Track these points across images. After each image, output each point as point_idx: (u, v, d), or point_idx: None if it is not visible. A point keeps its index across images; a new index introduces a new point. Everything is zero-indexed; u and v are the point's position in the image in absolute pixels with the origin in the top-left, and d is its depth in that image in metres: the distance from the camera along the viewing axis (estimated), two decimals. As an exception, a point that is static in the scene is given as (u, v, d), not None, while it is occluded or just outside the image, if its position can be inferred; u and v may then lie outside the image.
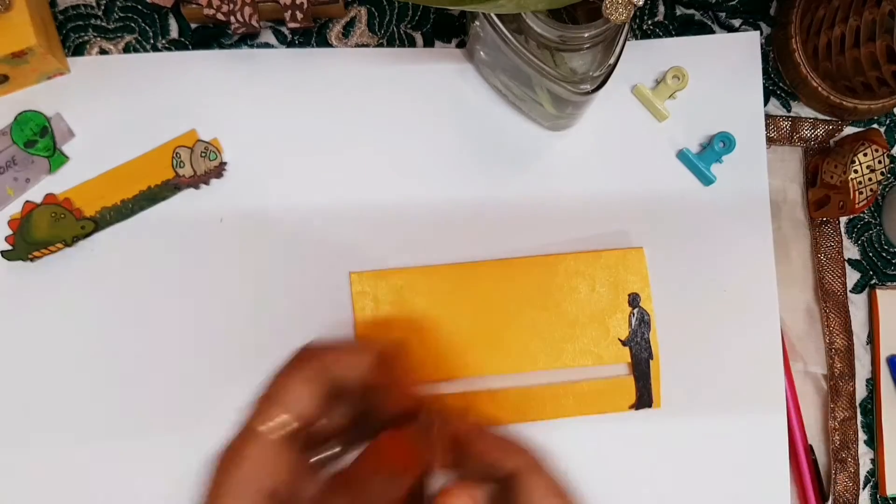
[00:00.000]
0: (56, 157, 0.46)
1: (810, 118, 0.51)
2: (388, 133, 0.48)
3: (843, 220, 0.51)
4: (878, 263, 0.52)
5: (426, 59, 0.49)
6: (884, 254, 0.52)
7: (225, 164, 0.47)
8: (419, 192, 0.48)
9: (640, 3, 0.36)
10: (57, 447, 0.46)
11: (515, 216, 0.49)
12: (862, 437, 0.51)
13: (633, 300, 0.49)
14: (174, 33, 0.48)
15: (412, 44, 0.49)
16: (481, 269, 0.48)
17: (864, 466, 0.51)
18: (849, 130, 0.51)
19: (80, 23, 0.47)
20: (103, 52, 0.48)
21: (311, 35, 0.49)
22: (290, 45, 0.48)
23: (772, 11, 0.51)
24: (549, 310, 0.48)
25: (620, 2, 0.36)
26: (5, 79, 0.45)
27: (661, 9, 0.50)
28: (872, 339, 0.51)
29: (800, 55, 0.49)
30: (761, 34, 0.51)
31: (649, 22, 0.50)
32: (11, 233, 0.46)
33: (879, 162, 0.48)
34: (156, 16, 0.48)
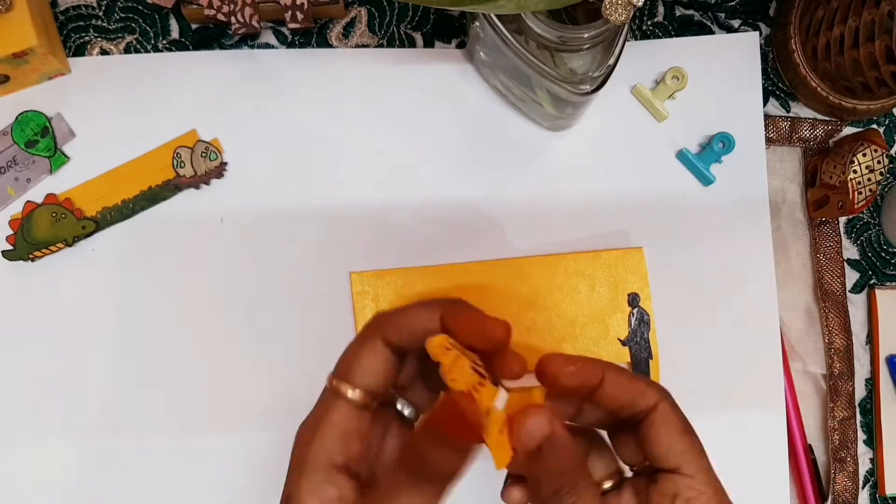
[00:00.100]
0: (57, 158, 0.46)
1: (809, 118, 0.51)
2: (387, 133, 0.49)
3: (843, 220, 0.52)
4: (878, 263, 0.52)
5: (426, 59, 0.49)
6: (883, 254, 0.52)
7: (225, 164, 0.47)
8: (419, 192, 0.49)
9: (640, 4, 0.36)
10: (57, 447, 0.46)
11: (515, 216, 0.49)
12: (861, 436, 0.51)
13: (633, 300, 0.49)
14: (175, 34, 0.48)
15: (412, 44, 0.49)
16: (481, 269, 0.48)
17: (864, 466, 0.51)
18: (848, 131, 0.51)
19: (81, 23, 0.47)
20: (104, 52, 0.48)
21: (312, 35, 0.49)
22: (290, 45, 0.49)
23: (771, 12, 0.51)
24: (548, 310, 0.48)
25: (620, 2, 0.36)
26: (6, 79, 0.45)
27: (661, 9, 0.50)
28: (871, 339, 0.52)
29: (799, 56, 0.49)
30: (760, 35, 0.51)
31: (649, 22, 0.50)
32: (12, 233, 0.46)
33: (878, 162, 0.48)
34: (156, 16, 0.48)
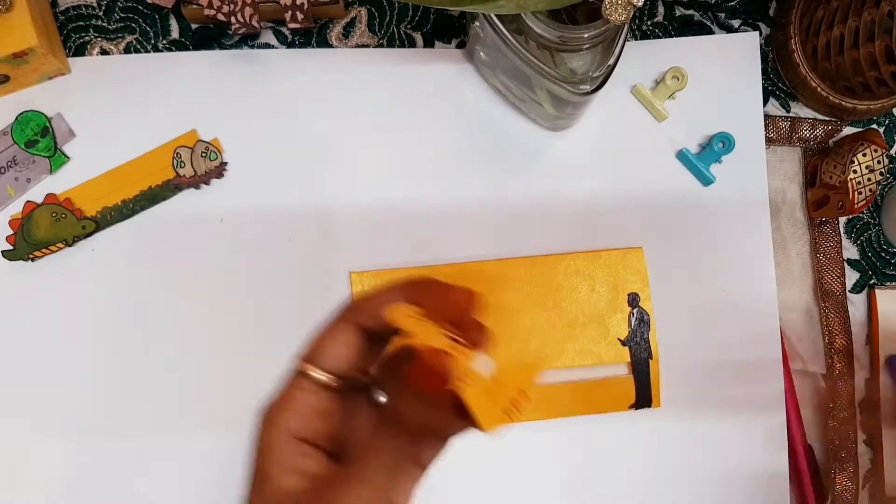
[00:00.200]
0: (57, 157, 0.46)
1: (809, 118, 0.51)
2: (387, 133, 0.49)
3: (843, 220, 0.51)
4: (878, 263, 0.52)
5: (426, 59, 0.49)
6: (883, 254, 0.52)
7: (225, 164, 0.47)
8: (419, 192, 0.49)
9: (640, 4, 0.36)
10: (57, 446, 0.46)
11: (515, 216, 0.49)
12: (861, 436, 0.51)
13: (633, 300, 0.49)
14: (175, 34, 0.48)
15: (412, 44, 0.49)
16: (481, 269, 0.48)
17: (864, 466, 0.51)
18: (848, 131, 0.51)
19: (81, 23, 0.47)
20: (104, 52, 0.48)
21: (312, 35, 0.49)
22: (290, 45, 0.49)
23: (771, 12, 0.51)
24: (548, 310, 0.48)
25: (620, 2, 0.36)
26: (6, 79, 0.45)
27: (661, 9, 0.50)
28: (871, 339, 0.51)
29: (799, 56, 0.49)
30: (760, 35, 0.51)
31: (649, 22, 0.50)
32: (12, 232, 0.46)
33: (878, 162, 0.48)
34: (156, 16, 0.48)
